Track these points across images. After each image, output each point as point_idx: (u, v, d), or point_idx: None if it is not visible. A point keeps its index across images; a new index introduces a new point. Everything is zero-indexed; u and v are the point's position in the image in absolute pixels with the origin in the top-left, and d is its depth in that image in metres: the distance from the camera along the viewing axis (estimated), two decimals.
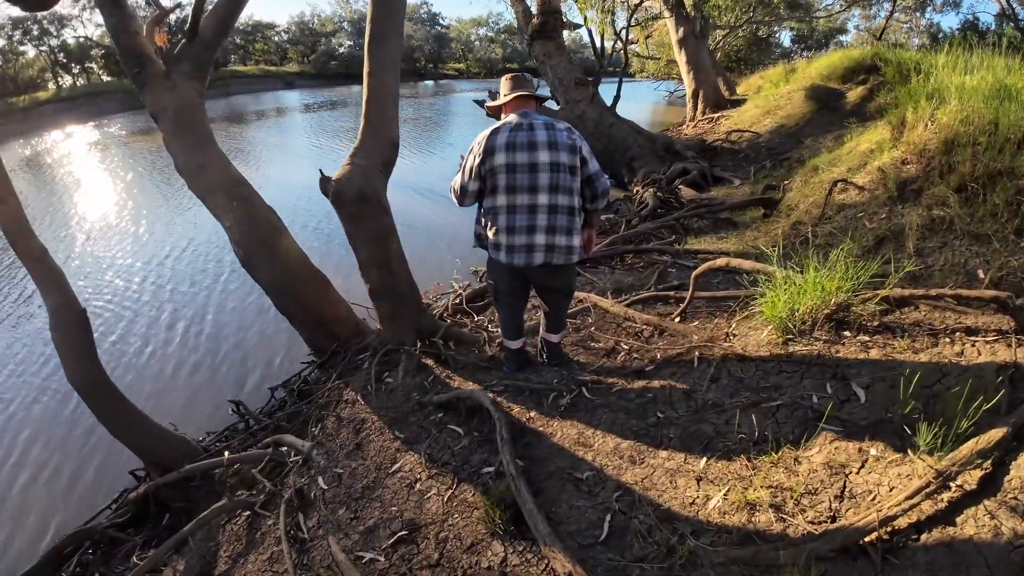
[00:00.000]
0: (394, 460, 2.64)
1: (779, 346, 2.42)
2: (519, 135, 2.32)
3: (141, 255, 8.05)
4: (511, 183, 2.32)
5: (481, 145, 2.35)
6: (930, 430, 1.64)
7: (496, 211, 2.38)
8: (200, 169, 3.91)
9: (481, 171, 2.36)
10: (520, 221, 2.35)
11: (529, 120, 2.38)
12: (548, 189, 2.33)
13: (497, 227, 2.39)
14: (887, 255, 3.54)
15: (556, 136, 2.35)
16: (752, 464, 1.85)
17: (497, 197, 2.36)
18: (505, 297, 2.74)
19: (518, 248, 2.39)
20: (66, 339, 3.31)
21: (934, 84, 4.88)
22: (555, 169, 2.33)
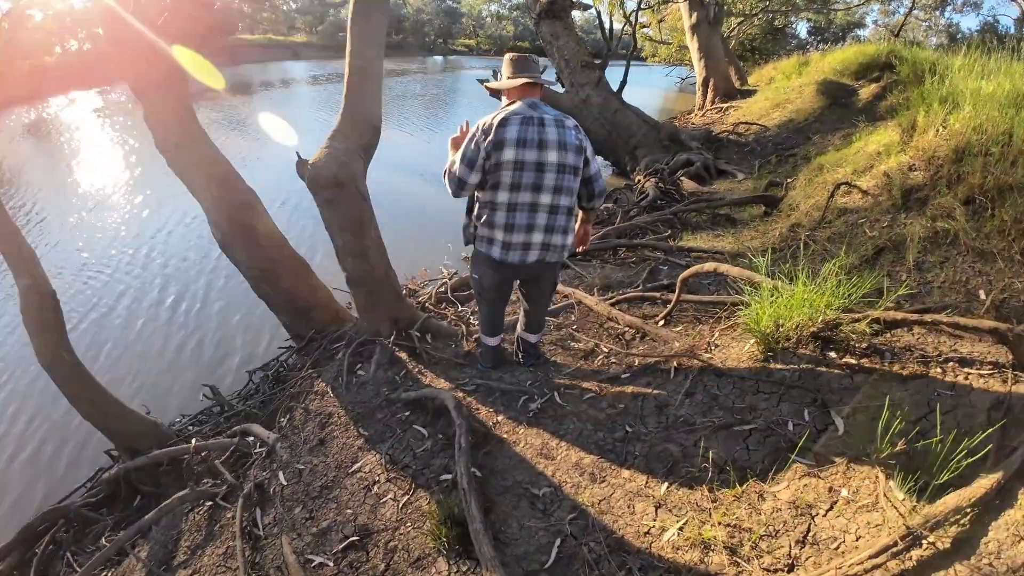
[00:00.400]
0: (355, 459, 2.55)
1: (760, 362, 2.31)
2: (530, 130, 2.16)
3: (137, 227, 7.93)
4: (516, 181, 2.19)
5: (488, 136, 2.15)
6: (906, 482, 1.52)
7: (495, 207, 2.26)
8: (178, 148, 3.77)
9: (486, 164, 2.19)
10: (520, 219, 2.25)
11: (540, 114, 2.21)
12: (552, 190, 2.24)
13: (494, 223, 2.28)
14: (885, 267, 3.40)
15: (566, 136, 2.24)
16: (714, 496, 1.75)
17: (498, 193, 2.23)
18: (490, 293, 2.63)
19: (515, 246, 2.30)
20: (35, 320, 3.23)
21: (948, 88, 4.68)
22: (561, 170, 2.23)
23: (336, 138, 3.23)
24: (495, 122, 2.17)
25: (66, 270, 6.64)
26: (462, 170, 2.22)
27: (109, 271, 6.61)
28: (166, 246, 7.25)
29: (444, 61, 46.77)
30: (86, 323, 5.54)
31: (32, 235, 7.77)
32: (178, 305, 5.85)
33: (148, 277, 6.44)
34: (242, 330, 5.37)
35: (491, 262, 2.39)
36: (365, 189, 3.31)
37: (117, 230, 7.87)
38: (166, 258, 6.89)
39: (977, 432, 1.63)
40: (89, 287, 6.25)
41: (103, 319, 5.61)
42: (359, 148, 3.27)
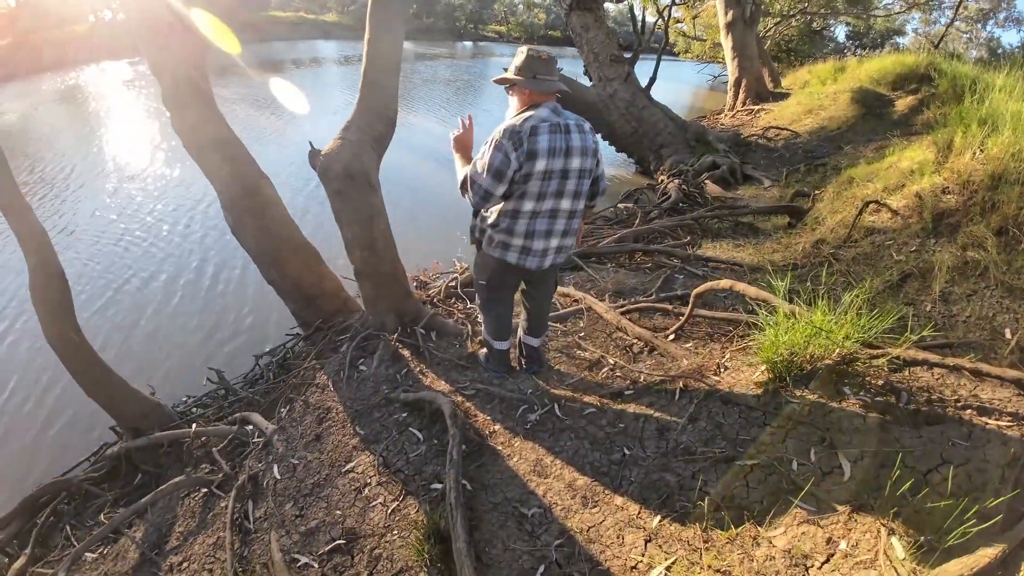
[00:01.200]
0: (349, 458, 2.52)
1: (769, 392, 2.21)
2: (558, 138, 2.06)
3: (165, 199, 8.04)
4: (543, 190, 2.11)
5: (521, 146, 2.01)
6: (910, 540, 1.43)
7: (517, 215, 2.17)
8: (193, 130, 3.75)
9: (515, 175, 2.06)
10: (541, 226, 2.20)
11: (564, 120, 2.11)
12: (572, 195, 2.19)
13: (514, 231, 2.20)
14: (910, 295, 3.27)
15: (586, 142, 2.16)
16: (707, 536, 1.68)
17: (524, 202, 2.13)
18: (500, 297, 2.57)
19: (535, 252, 2.25)
20: (43, 299, 3.25)
21: (988, 109, 4.46)
22: (582, 175, 2.18)
23: (350, 129, 3.18)
24: (525, 130, 2.02)
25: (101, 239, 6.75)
26: (489, 182, 2.07)
27: (147, 242, 6.72)
28: (191, 220, 7.33)
29: (473, 47, 46.43)
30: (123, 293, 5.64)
31: (71, 202, 7.92)
32: (203, 278, 5.91)
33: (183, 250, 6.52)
34: (256, 308, 5.39)
35: (505, 266, 2.31)
36: (376, 181, 3.26)
37: (149, 201, 7.98)
38: (202, 231, 6.97)
39: (988, 491, 1.54)
40: (129, 255, 6.35)
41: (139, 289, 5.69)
42: (372, 140, 3.21)
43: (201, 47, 3.84)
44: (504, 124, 2.08)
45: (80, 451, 3.88)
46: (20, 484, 3.67)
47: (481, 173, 2.08)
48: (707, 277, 4.26)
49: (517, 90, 2.15)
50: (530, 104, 2.13)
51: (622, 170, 10.37)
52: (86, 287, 5.73)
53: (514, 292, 2.62)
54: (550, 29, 54.93)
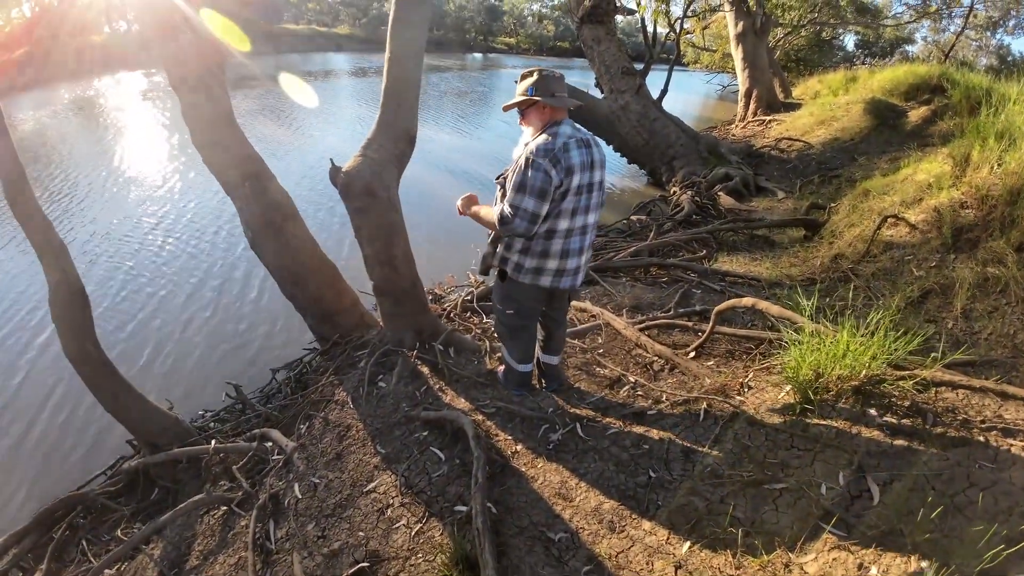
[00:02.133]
0: (371, 478, 2.52)
1: (795, 414, 2.19)
2: (584, 153, 2.09)
3: (180, 213, 8.15)
4: (576, 206, 2.12)
5: (559, 163, 2.02)
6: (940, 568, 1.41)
7: (553, 235, 2.15)
8: (214, 147, 3.80)
9: (555, 193, 2.06)
10: (575, 244, 2.20)
11: (584, 135, 2.15)
12: (596, 208, 2.23)
13: (550, 252, 2.18)
14: (931, 312, 3.23)
15: (601, 154, 2.21)
16: (737, 562, 1.65)
17: (560, 221, 2.12)
18: (529, 323, 2.57)
19: (568, 272, 2.24)
20: (63, 315, 3.28)
21: (1004, 122, 4.43)
22: (600, 188, 2.22)
23: (370, 147, 3.21)
24: (559, 146, 2.04)
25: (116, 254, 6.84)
26: (534, 203, 2.04)
27: (164, 256, 6.80)
28: (217, 227, 7.41)
29: (484, 59, 46.84)
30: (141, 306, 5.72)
31: (87, 214, 8.04)
32: (221, 292, 5.97)
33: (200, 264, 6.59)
34: (278, 321, 5.42)
35: (538, 292, 2.30)
36: (397, 199, 3.29)
37: (164, 212, 8.09)
38: (219, 244, 7.05)
39: (1016, 514, 1.53)
40: (146, 269, 6.42)
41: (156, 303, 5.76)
42: (393, 157, 3.24)
43: (221, 61, 3.90)
44: (532, 145, 2.06)
45: (96, 464, 3.91)
46: (36, 497, 3.71)
47: (523, 196, 2.04)
48: (725, 292, 4.24)
49: (536, 110, 2.15)
50: (551, 121, 2.12)
51: (634, 182, 10.38)
52: (104, 300, 5.80)
53: (537, 318, 2.62)
54: (559, 41, 55.36)
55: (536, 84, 2.11)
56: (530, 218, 2.06)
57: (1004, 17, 21.70)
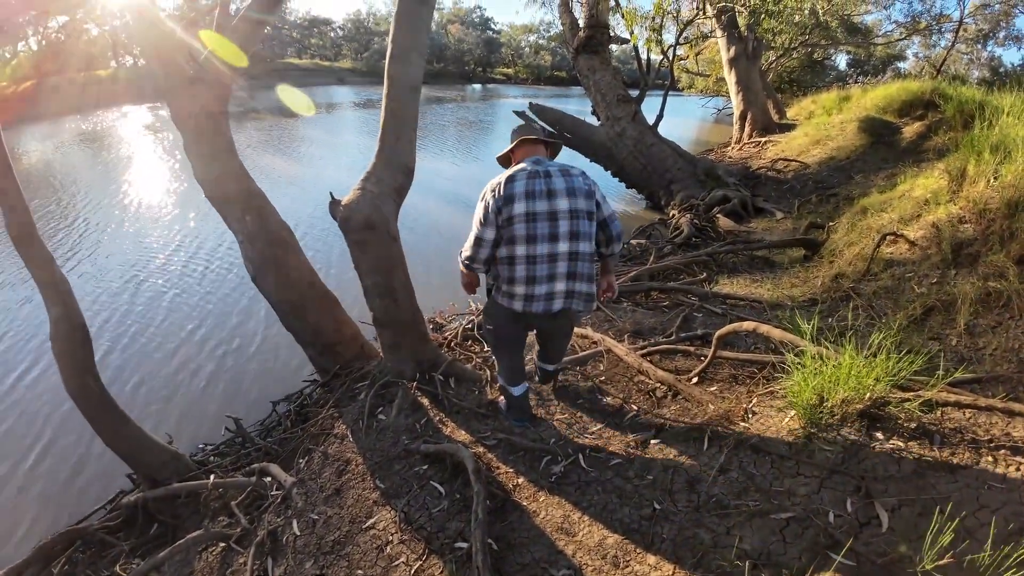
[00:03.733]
0: (370, 514, 2.47)
1: (800, 439, 2.15)
2: (536, 183, 2.21)
3: (182, 245, 8.20)
4: (531, 232, 2.20)
5: (497, 192, 2.22)
6: None
7: (514, 261, 2.25)
8: (217, 180, 3.85)
9: (498, 220, 2.22)
10: (541, 271, 2.24)
11: (544, 167, 2.26)
12: (568, 237, 2.23)
13: (513, 277, 2.27)
14: (935, 329, 3.20)
15: (573, 183, 2.25)
16: None
17: (516, 247, 2.23)
18: (507, 343, 2.63)
19: (538, 297, 2.29)
20: (64, 349, 3.28)
21: (999, 134, 4.46)
22: (575, 216, 2.23)
23: (369, 180, 3.24)
24: (503, 180, 2.24)
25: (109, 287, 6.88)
26: (478, 229, 2.27)
27: (163, 283, 6.81)
28: (209, 261, 7.45)
29: (483, 89, 47.73)
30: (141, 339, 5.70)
31: (88, 246, 8.10)
32: (222, 324, 5.96)
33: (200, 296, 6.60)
34: (279, 353, 5.41)
35: (513, 314, 2.37)
36: (396, 231, 3.31)
37: (167, 244, 8.14)
38: (219, 277, 7.07)
39: None
40: (146, 301, 6.43)
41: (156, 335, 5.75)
42: (392, 191, 3.27)
43: (224, 97, 3.97)
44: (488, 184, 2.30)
45: (96, 498, 3.87)
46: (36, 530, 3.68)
47: (475, 226, 2.29)
48: (726, 315, 4.22)
49: (513, 157, 2.46)
50: (516, 162, 2.38)
51: (633, 206, 10.44)
52: (105, 333, 5.80)
53: (522, 339, 2.67)
54: (556, 70, 56.48)
55: (512, 138, 2.46)
56: (474, 240, 2.29)
57: (994, 29, 22.05)
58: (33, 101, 26.55)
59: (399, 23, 3.31)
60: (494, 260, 2.34)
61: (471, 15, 59.70)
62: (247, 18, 3.92)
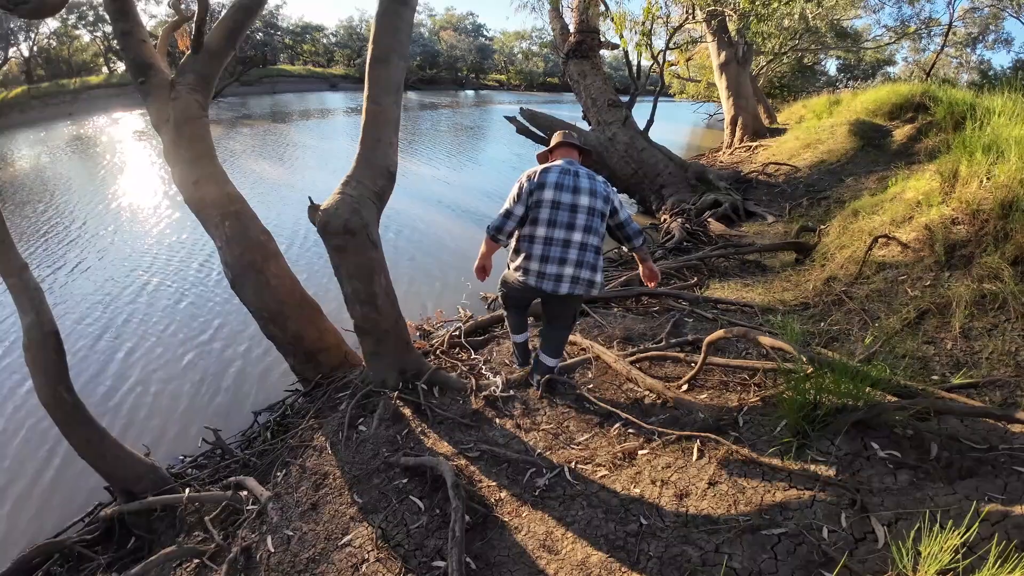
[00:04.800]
0: (346, 530, 2.37)
1: (792, 450, 2.07)
2: (567, 178, 2.61)
3: (166, 252, 8.07)
4: (552, 218, 2.57)
5: (533, 178, 2.61)
6: None
7: (533, 240, 2.61)
8: (195, 185, 3.76)
9: (528, 200, 2.60)
10: (554, 253, 2.59)
11: (575, 168, 2.68)
12: (583, 229, 2.60)
13: (531, 255, 2.62)
14: (929, 333, 3.14)
15: (595, 185, 2.66)
16: None
17: (537, 228, 2.60)
18: (515, 306, 3.11)
19: (548, 276, 2.60)
20: (37, 358, 3.17)
21: (990, 135, 4.43)
22: (591, 213, 2.61)
23: (349, 184, 3.15)
24: (539, 169, 2.66)
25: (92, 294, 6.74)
26: (511, 204, 2.64)
27: (146, 296, 6.67)
28: (196, 268, 7.32)
29: (475, 95, 47.80)
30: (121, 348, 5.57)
31: (72, 252, 7.95)
32: (203, 332, 5.83)
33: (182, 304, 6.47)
34: (257, 364, 5.29)
35: (523, 285, 2.70)
36: (377, 236, 3.22)
37: (153, 249, 8.01)
38: (201, 284, 6.94)
39: None
40: (125, 308, 6.29)
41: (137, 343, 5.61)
42: (372, 195, 3.18)
43: (203, 101, 3.88)
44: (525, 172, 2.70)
45: (75, 509, 3.76)
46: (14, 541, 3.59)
47: (507, 202, 2.67)
48: (717, 319, 4.14)
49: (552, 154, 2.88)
50: (554, 159, 2.80)
51: None
52: (82, 340, 5.67)
53: (526, 305, 3.12)
54: (549, 76, 56.66)
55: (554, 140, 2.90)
56: (505, 212, 2.65)
57: (983, 32, 22.23)
58: (22, 107, 26.44)
59: (380, 24, 3.24)
60: (517, 237, 2.70)
61: (464, 22, 59.85)
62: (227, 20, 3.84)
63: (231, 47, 3.95)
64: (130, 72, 3.89)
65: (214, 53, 3.85)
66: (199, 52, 3.77)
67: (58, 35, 34.04)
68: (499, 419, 2.94)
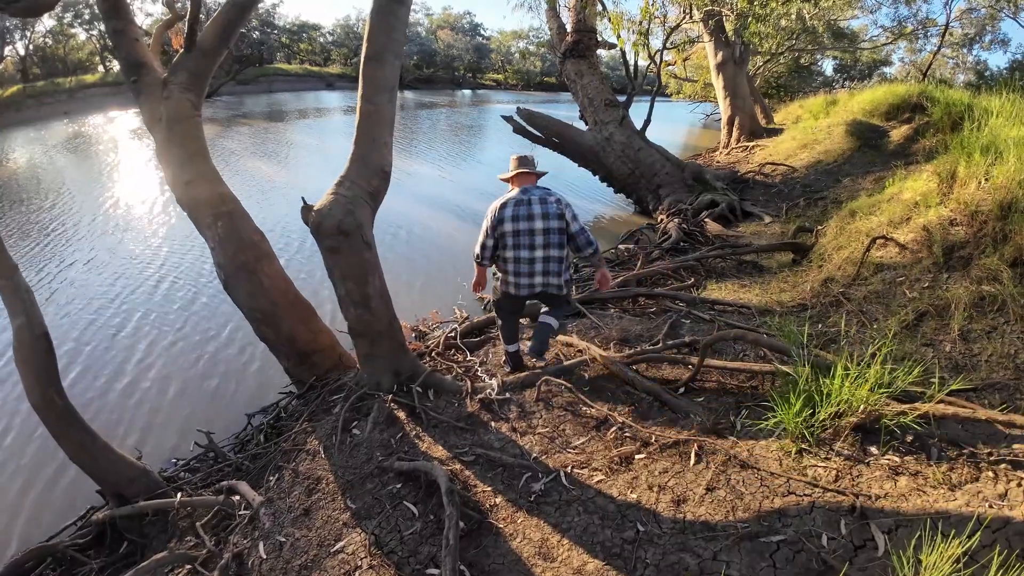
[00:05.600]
0: (339, 536, 2.33)
1: (792, 455, 2.04)
2: (520, 209, 3.04)
3: (160, 252, 8.00)
4: (516, 242, 3.07)
5: (494, 215, 3.07)
6: None
7: (506, 260, 3.14)
8: (188, 185, 3.71)
9: (494, 234, 3.10)
10: (523, 268, 3.12)
11: (528, 196, 3.08)
12: (543, 246, 3.08)
13: (507, 271, 3.17)
14: (928, 335, 3.12)
15: (548, 208, 3.06)
16: None
17: (507, 252, 3.12)
18: (507, 313, 3.42)
19: (523, 285, 3.16)
20: (27, 360, 3.13)
21: (988, 135, 4.41)
22: (547, 233, 3.07)
23: (343, 184, 3.12)
24: (498, 205, 3.09)
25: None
26: (483, 237, 3.13)
27: (140, 296, 6.61)
28: (192, 268, 7.27)
29: (473, 95, 47.70)
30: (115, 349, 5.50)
31: (67, 251, 7.88)
32: (197, 333, 5.76)
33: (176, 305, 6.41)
34: (251, 366, 5.24)
35: (506, 294, 3.24)
36: (371, 237, 3.18)
37: (147, 251, 7.94)
38: (196, 285, 6.88)
39: None
40: (120, 308, 6.23)
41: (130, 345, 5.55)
42: (366, 195, 3.14)
43: (196, 100, 3.84)
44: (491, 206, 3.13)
45: (68, 512, 3.70)
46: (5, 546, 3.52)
47: (481, 234, 3.15)
48: (714, 320, 4.12)
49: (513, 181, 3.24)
50: (512, 188, 3.21)
51: (621, 211, 10.36)
52: (78, 343, 5.61)
53: (518, 312, 3.47)
54: (545, 76, 56.58)
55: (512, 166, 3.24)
56: (480, 244, 3.16)
57: (980, 33, 22.26)
58: (18, 106, 26.32)
59: (374, 21, 3.20)
60: (497, 259, 3.20)
61: (461, 21, 59.72)
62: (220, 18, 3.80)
63: (224, 45, 3.90)
64: (122, 70, 3.85)
65: (207, 51, 3.80)
66: (192, 50, 3.72)
67: (54, 34, 33.81)
68: (495, 422, 2.90)
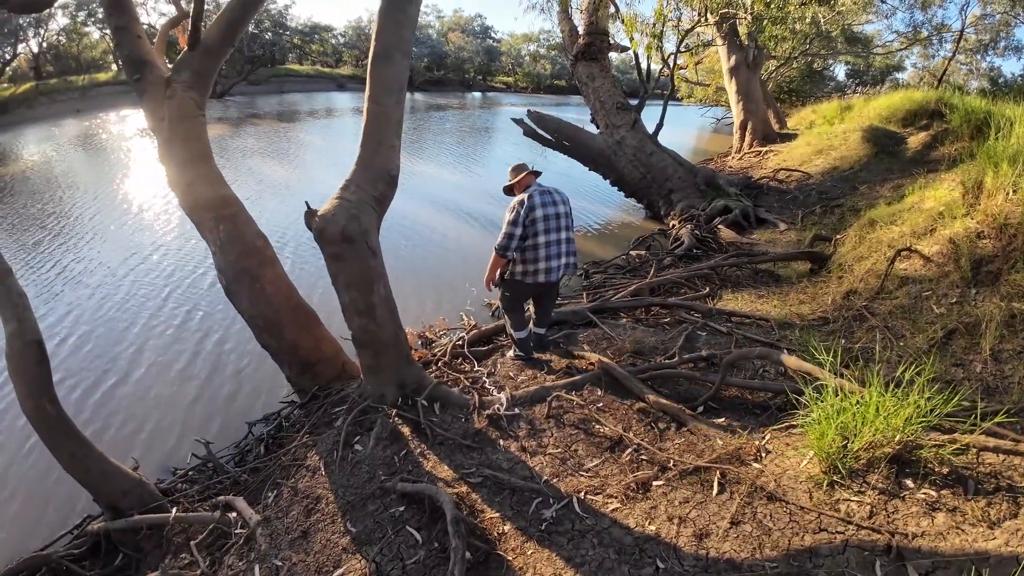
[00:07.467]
0: (338, 562, 2.21)
1: (822, 488, 1.90)
2: (546, 197, 3.38)
3: (164, 255, 7.94)
4: (547, 227, 3.35)
5: (524, 204, 3.30)
6: None
7: (537, 247, 3.36)
8: (189, 187, 3.62)
9: (525, 221, 3.30)
10: (554, 250, 3.40)
11: (543, 188, 3.43)
12: (565, 229, 3.44)
13: (537, 257, 3.38)
14: (958, 355, 2.96)
15: (561, 196, 3.47)
16: None
17: (539, 238, 3.35)
18: (519, 305, 3.67)
19: (554, 269, 3.43)
20: (19, 367, 3.03)
21: (1016, 144, 4.24)
22: (567, 217, 3.46)
23: (348, 188, 3.00)
24: (525, 197, 3.33)
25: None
26: (511, 228, 3.31)
27: (141, 300, 6.54)
28: (200, 271, 7.19)
29: (483, 97, 47.65)
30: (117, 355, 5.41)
31: (72, 252, 7.83)
32: (200, 339, 5.67)
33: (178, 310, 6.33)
34: (253, 374, 5.13)
35: (532, 287, 3.48)
36: (377, 244, 3.06)
37: (151, 258, 7.88)
38: (199, 290, 6.80)
39: None
40: (121, 313, 6.16)
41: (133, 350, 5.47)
42: (372, 200, 3.03)
43: (200, 100, 3.75)
44: (514, 201, 3.38)
45: (64, 521, 3.62)
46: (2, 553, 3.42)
47: (508, 226, 3.33)
48: (732, 333, 3.97)
49: (518, 186, 3.51)
50: (524, 188, 3.45)
51: (632, 216, 10.21)
52: (79, 347, 5.53)
53: (527, 301, 3.76)
54: (555, 79, 56.48)
55: (515, 173, 3.54)
56: (510, 234, 3.31)
57: (994, 39, 21.94)
58: (32, 103, 26.55)
59: (383, 19, 3.09)
60: (522, 250, 3.38)
61: (472, 23, 59.71)
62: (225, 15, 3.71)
63: (229, 44, 3.81)
64: (125, 68, 3.77)
65: (211, 50, 3.71)
66: (196, 48, 3.63)
67: (67, 32, 34.04)
68: (503, 440, 2.77)
